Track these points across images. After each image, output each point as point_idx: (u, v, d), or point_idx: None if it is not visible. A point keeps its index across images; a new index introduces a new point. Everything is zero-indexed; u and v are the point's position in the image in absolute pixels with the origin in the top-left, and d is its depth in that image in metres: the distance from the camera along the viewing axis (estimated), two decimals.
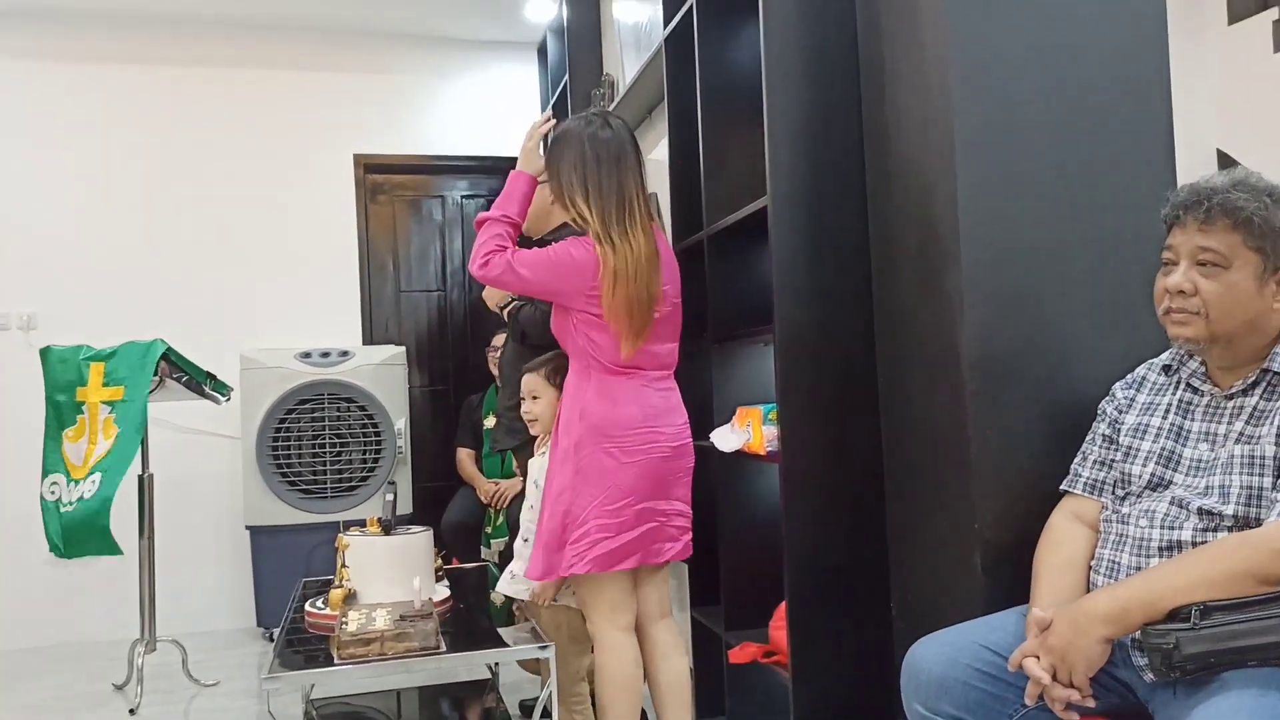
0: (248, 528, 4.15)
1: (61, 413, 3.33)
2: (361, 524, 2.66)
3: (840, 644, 2.09)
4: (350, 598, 2.37)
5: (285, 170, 4.63)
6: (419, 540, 2.46)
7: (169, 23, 4.50)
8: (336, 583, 2.46)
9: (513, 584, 2.44)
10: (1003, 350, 1.81)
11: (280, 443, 4.13)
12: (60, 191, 4.41)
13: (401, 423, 4.28)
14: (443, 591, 2.51)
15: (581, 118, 2.35)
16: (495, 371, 4.39)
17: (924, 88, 1.90)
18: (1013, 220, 1.82)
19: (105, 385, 3.28)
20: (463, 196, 4.99)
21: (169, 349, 3.30)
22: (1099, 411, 1.76)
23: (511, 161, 2.46)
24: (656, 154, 3.58)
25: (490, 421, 4.41)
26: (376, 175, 4.83)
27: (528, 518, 2.45)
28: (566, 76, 4.27)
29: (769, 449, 2.12)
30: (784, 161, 2.12)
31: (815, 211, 2.13)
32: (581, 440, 2.20)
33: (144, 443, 3.32)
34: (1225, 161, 2.43)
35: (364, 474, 4.24)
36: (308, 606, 2.46)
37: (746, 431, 2.16)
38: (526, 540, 2.42)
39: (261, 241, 4.60)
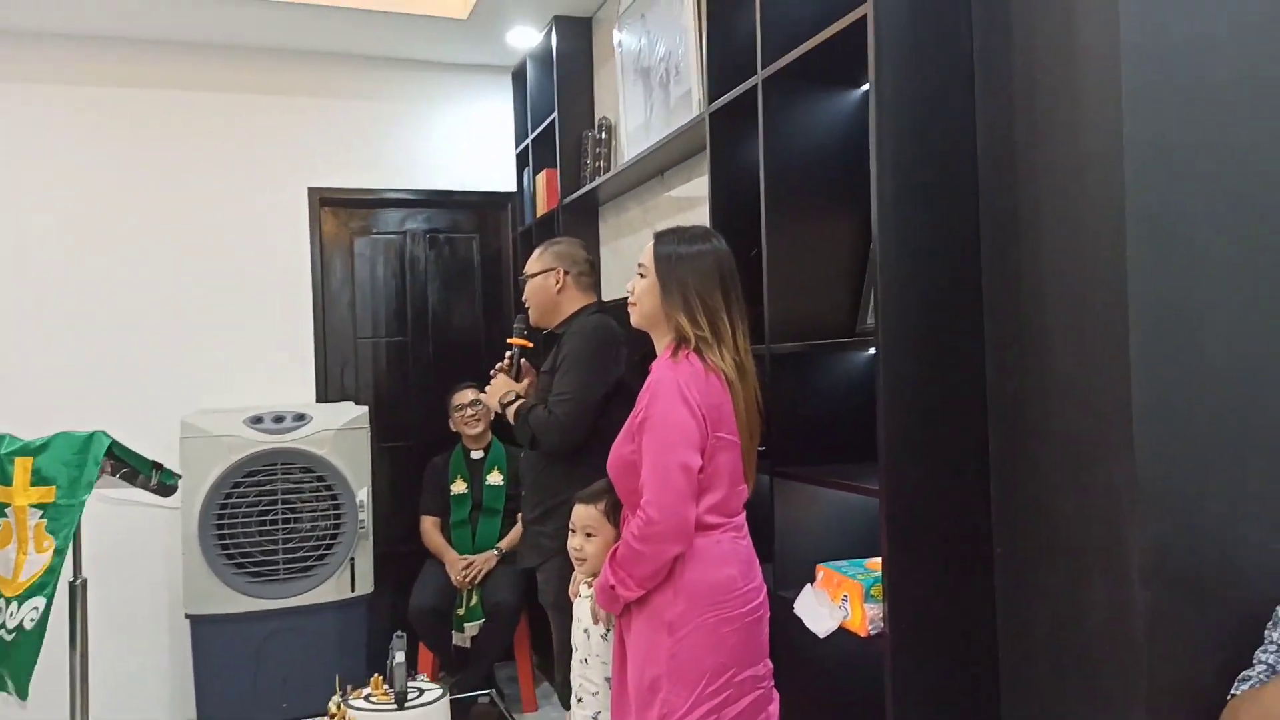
0: (188, 616, 3.67)
1: None
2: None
3: None
4: None
5: (231, 205, 4.11)
6: (436, 710, 2.08)
7: (92, 40, 3.93)
8: None
9: None
10: (1182, 555, 1.54)
11: (226, 520, 3.66)
12: None
13: (364, 493, 3.84)
14: None
15: (693, 236, 2.04)
16: (462, 429, 4.01)
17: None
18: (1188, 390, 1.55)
19: (34, 485, 2.77)
20: (426, 233, 4.54)
21: (113, 443, 2.81)
22: (1275, 618, 1.52)
23: (484, 195, 2.07)
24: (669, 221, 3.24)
25: (459, 486, 4.03)
26: (333, 210, 4.35)
27: (580, 673, 2.15)
28: (555, 115, 3.88)
29: (871, 630, 1.81)
30: (897, 282, 1.80)
31: (931, 349, 1.82)
32: (680, 618, 1.88)
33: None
34: None
35: (321, 552, 3.79)
36: None
37: (844, 609, 1.84)
38: (580, 701, 2.18)
39: (205, 286, 4.08)
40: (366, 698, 2.12)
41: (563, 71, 3.88)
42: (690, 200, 3.16)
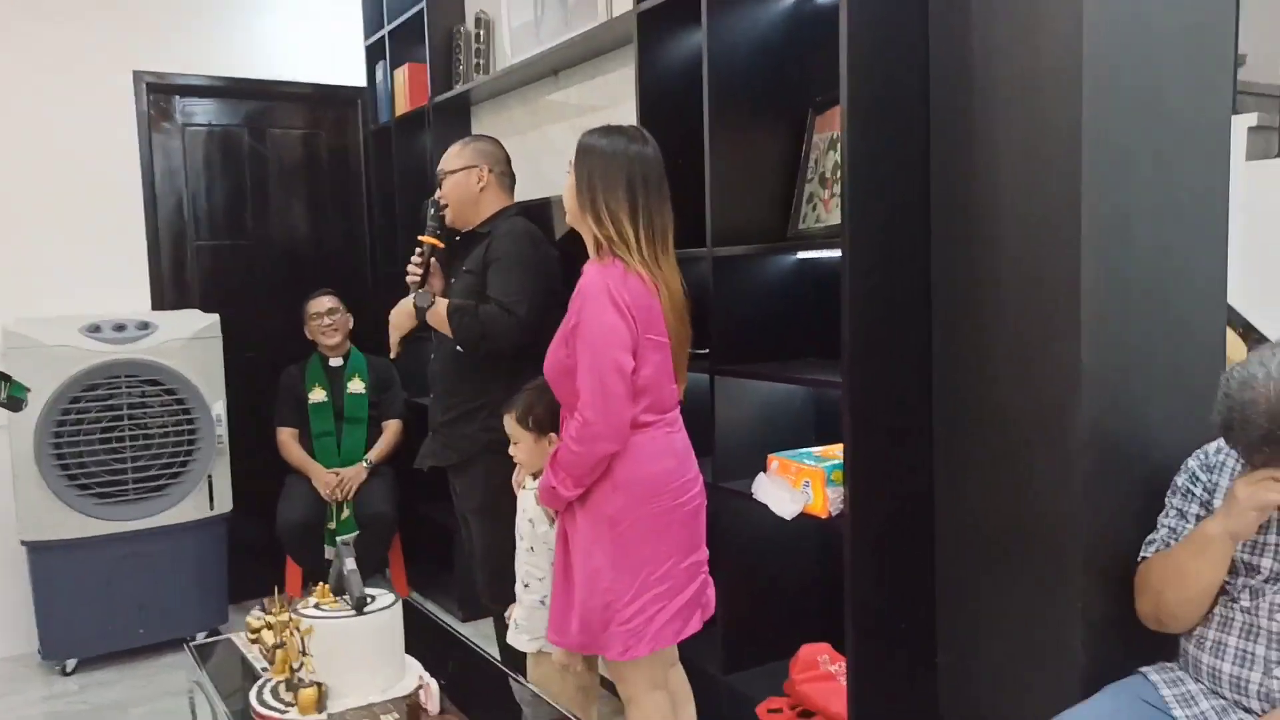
0: (24, 543, 3.35)
1: None
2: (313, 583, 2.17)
3: (896, 700, 2.03)
4: (324, 695, 1.94)
5: (47, 90, 3.63)
6: (393, 615, 2.06)
7: None
8: (290, 672, 2.01)
9: (516, 634, 2.24)
10: (1115, 430, 1.79)
11: (66, 438, 3.33)
12: None
13: (219, 406, 3.61)
14: (416, 668, 2.12)
15: (617, 132, 2.00)
16: (319, 339, 3.84)
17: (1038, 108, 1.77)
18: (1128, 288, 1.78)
19: None
20: (268, 127, 4.21)
21: None
22: (1174, 486, 1.79)
23: (329, 89, 2.00)
24: (571, 124, 3.20)
25: (318, 395, 3.87)
26: (162, 98, 3.94)
27: (527, 560, 2.21)
28: (422, 6, 3.68)
29: (833, 512, 1.97)
30: (862, 180, 1.91)
31: (888, 252, 1.96)
32: (620, 512, 1.94)
33: None
34: None
35: (175, 470, 3.54)
36: (254, 703, 1.99)
37: (805, 492, 1.99)
38: (528, 586, 2.22)
39: (19, 182, 3.60)
40: (316, 606, 2.06)
41: None
42: (589, 105, 3.14)
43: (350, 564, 2.08)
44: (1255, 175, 2.25)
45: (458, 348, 2.54)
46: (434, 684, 1.92)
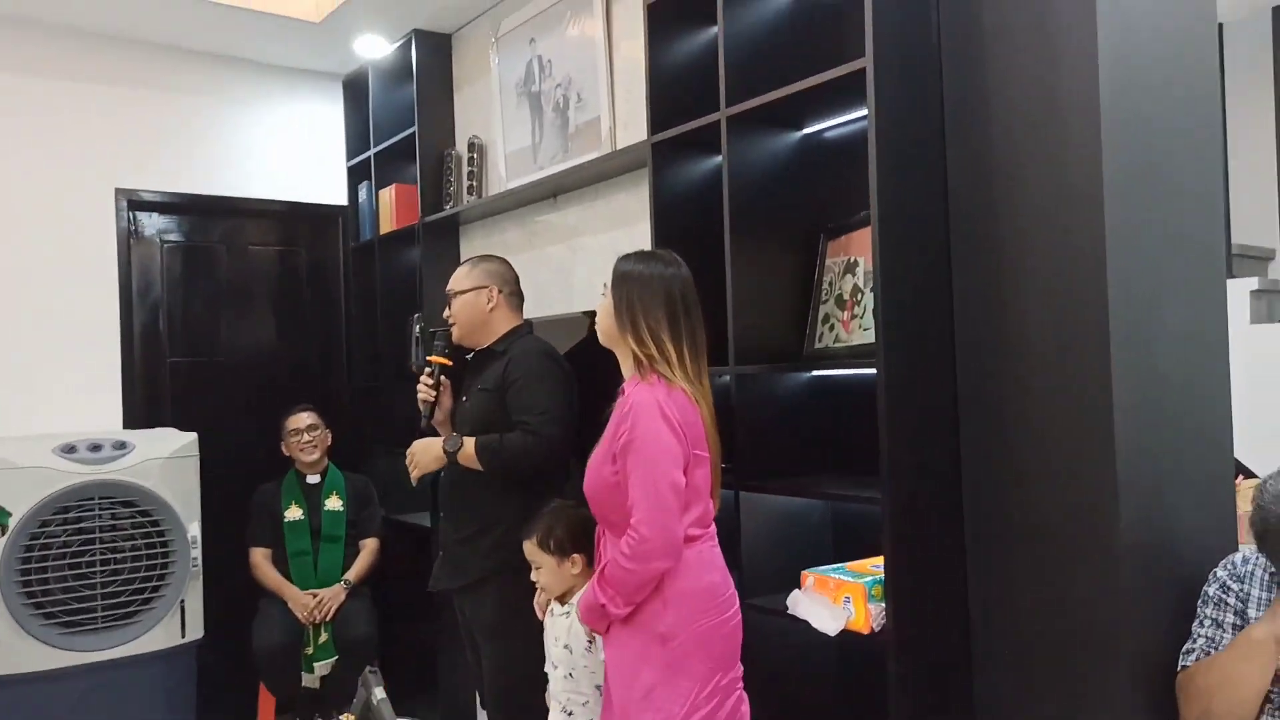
0: None
1: None
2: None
3: None
4: None
5: (28, 205, 3.59)
6: None
7: None
8: None
9: None
10: (1150, 540, 1.86)
11: (34, 565, 3.17)
12: None
13: (195, 527, 3.48)
14: None
15: (652, 257, 2.11)
16: (297, 455, 3.77)
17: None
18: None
19: None
20: (246, 245, 4.21)
21: None
22: (1205, 596, 1.87)
23: (310, 207, 2.07)
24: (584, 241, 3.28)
25: (294, 513, 3.77)
26: (143, 215, 3.92)
27: (566, 686, 2.17)
28: (415, 130, 3.78)
29: (875, 627, 1.98)
30: (894, 303, 1.99)
31: (918, 367, 2.04)
32: (671, 628, 1.94)
33: None
34: None
35: (147, 596, 3.38)
36: None
37: (846, 608, 2.00)
38: (571, 715, 2.20)
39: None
40: None
41: (422, 86, 3.78)
42: (588, 228, 3.22)
43: (380, 693, 2.02)
44: (1258, 338, 2.40)
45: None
46: None
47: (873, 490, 2.01)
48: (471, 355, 2.73)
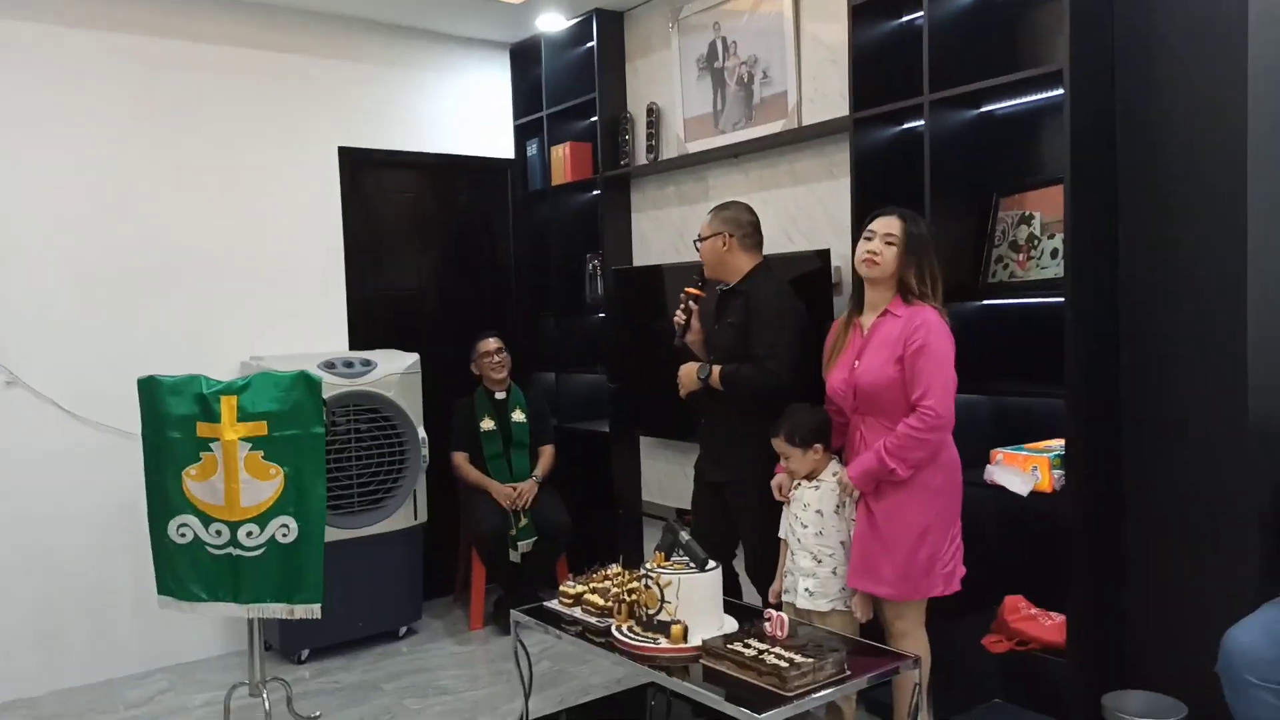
0: None
1: (177, 450, 2.97)
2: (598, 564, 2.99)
3: (1101, 632, 2.76)
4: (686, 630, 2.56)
5: (268, 168, 4.26)
6: (719, 573, 2.70)
7: None
8: (655, 612, 2.61)
9: (812, 600, 2.84)
10: (1272, 416, 2.57)
11: None
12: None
13: (422, 431, 4.18)
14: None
15: (919, 217, 2.78)
16: (487, 374, 4.46)
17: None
18: None
19: (240, 421, 2.97)
20: (433, 193, 4.84)
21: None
22: None
23: (483, 160, 3.31)
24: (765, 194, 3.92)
25: (488, 424, 4.43)
26: (358, 170, 4.54)
27: (817, 542, 2.83)
28: (595, 95, 4.39)
29: (1056, 488, 2.70)
30: (1080, 244, 2.68)
31: (1095, 291, 2.73)
32: (942, 485, 2.67)
33: None
34: None
35: (390, 486, 4.10)
36: (623, 636, 2.61)
37: (1035, 475, 2.72)
38: (820, 562, 2.85)
39: (246, 244, 4.21)
40: (671, 567, 2.66)
41: (602, 57, 4.40)
42: (765, 184, 3.86)
43: (685, 535, 2.71)
44: None
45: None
46: (783, 615, 2.55)
47: (1045, 391, 2.73)
48: (720, 289, 3.30)
